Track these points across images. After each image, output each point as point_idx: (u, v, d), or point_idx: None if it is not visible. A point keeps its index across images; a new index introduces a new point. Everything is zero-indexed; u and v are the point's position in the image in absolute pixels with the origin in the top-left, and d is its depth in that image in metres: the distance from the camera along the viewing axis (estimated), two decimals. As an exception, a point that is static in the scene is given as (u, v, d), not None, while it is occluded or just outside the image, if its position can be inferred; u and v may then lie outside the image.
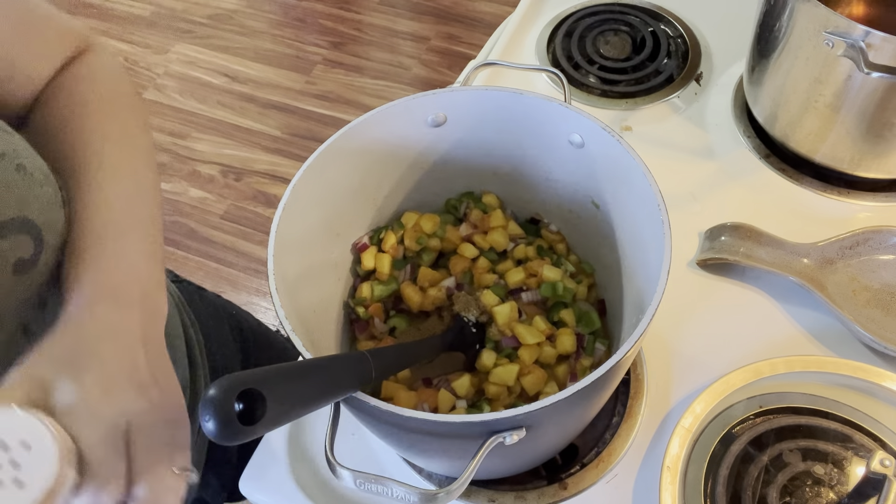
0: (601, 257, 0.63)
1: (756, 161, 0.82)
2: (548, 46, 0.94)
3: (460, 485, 0.42)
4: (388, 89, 2.22)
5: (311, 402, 0.40)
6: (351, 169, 0.59)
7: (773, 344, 0.68)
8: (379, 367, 0.47)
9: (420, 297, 0.63)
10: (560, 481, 0.62)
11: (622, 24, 0.95)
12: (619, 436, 0.64)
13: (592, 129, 0.56)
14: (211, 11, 2.48)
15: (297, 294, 0.53)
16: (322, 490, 0.63)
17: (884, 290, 0.69)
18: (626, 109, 0.88)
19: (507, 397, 0.57)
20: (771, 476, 0.58)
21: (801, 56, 0.71)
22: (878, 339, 0.64)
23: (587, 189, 0.61)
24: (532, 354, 0.58)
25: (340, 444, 0.44)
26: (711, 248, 0.72)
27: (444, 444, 0.50)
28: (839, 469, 0.58)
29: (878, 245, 0.71)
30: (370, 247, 0.64)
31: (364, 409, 0.45)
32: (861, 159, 0.74)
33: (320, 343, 0.57)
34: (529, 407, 0.43)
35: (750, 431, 0.61)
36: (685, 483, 0.59)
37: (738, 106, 0.87)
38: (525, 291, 0.62)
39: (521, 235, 0.66)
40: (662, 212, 0.50)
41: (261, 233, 1.95)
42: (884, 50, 0.63)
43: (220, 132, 2.15)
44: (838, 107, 0.71)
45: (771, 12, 0.74)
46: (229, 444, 0.34)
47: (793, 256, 0.71)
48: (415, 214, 0.65)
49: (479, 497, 0.61)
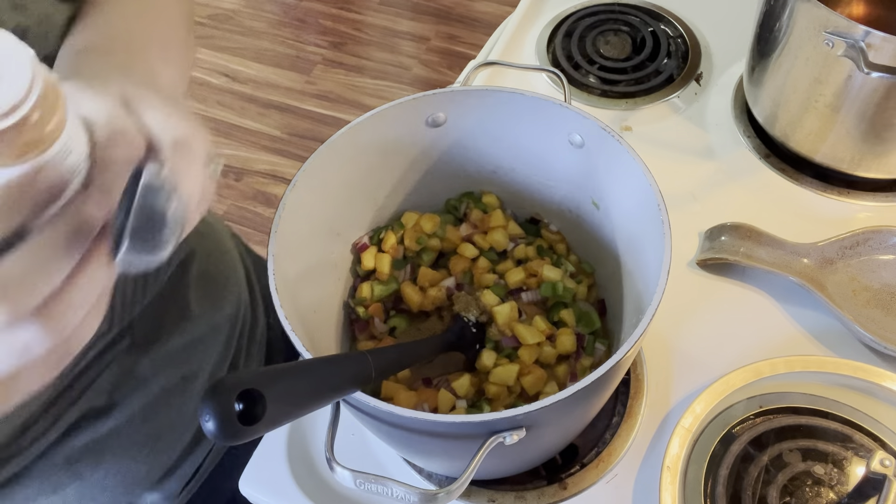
0: (601, 257, 0.63)
1: (756, 161, 0.82)
2: (548, 46, 0.94)
3: (460, 485, 0.42)
4: (388, 89, 2.22)
5: (311, 402, 0.40)
6: (351, 169, 0.59)
7: (773, 344, 0.68)
8: (379, 367, 0.47)
9: (420, 297, 0.63)
10: (560, 481, 0.62)
11: (622, 24, 0.95)
12: (619, 436, 0.64)
13: (592, 129, 0.56)
14: (211, 11, 2.48)
15: (297, 294, 0.53)
16: (322, 490, 0.63)
17: (884, 290, 0.69)
18: (626, 109, 0.88)
19: (507, 397, 0.57)
20: (771, 476, 0.58)
21: (801, 56, 0.71)
22: (878, 339, 0.64)
23: (587, 189, 0.61)
24: (532, 354, 0.58)
25: (340, 444, 0.44)
26: (711, 248, 0.72)
27: (444, 444, 0.50)
28: (839, 469, 0.58)
29: (878, 245, 0.71)
30: (370, 247, 0.64)
31: (364, 409, 0.45)
32: (861, 159, 0.74)
33: (320, 343, 0.57)
34: (529, 407, 0.43)
35: (750, 431, 0.61)
36: (685, 483, 0.59)
37: (738, 106, 0.87)
38: (525, 291, 0.62)
39: (521, 235, 0.66)
40: (662, 212, 0.50)
41: (261, 233, 1.95)
42: (884, 50, 0.63)
43: (219, 132, 2.15)
44: (838, 107, 0.71)
45: (771, 12, 0.74)
46: (229, 445, 0.34)
47: (793, 256, 0.71)
48: (415, 214, 0.65)
49: (479, 497, 0.61)
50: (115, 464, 0.57)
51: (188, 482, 0.63)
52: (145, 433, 0.59)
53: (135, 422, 0.58)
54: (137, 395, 0.58)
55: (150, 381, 0.59)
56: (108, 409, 0.56)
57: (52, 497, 0.55)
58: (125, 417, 0.58)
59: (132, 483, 0.58)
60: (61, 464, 0.54)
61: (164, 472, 0.61)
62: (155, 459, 0.59)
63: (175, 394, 0.62)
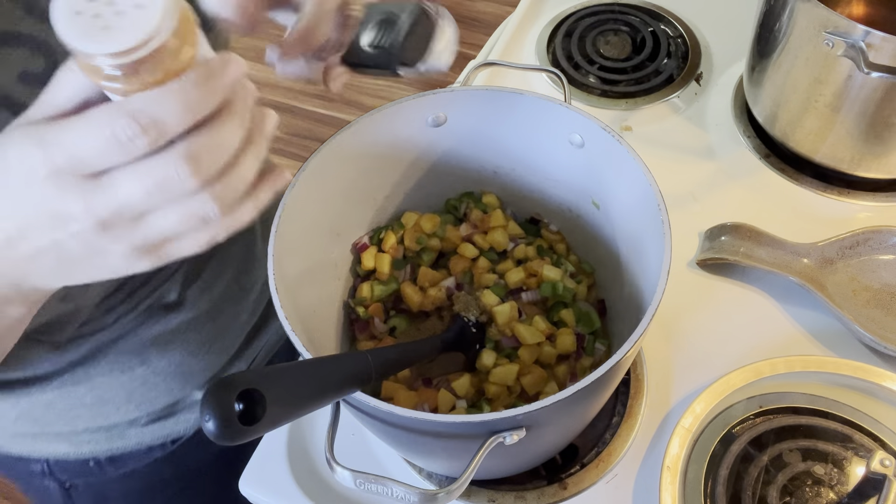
0: (601, 257, 0.63)
1: (756, 161, 0.82)
2: (548, 46, 0.94)
3: (460, 485, 0.42)
4: (388, 89, 2.22)
5: (311, 402, 0.40)
6: (351, 169, 0.59)
7: (773, 344, 0.68)
8: (379, 367, 0.47)
9: (420, 297, 0.63)
10: (560, 481, 0.62)
11: (622, 24, 0.95)
12: (619, 436, 0.64)
13: (592, 129, 0.56)
14: (211, 11, 2.48)
15: (297, 294, 0.53)
16: (322, 490, 0.63)
17: (884, 290, 0.69)
18: (626, 109, 0.88)
19: (507, 397, 0.57)
20: (771, 476, 0.58)
21: (801, 56, 0.71)
22: (878, 339, 0.64)
23: (587, 189, 0.61)
24: (532, 354, 0.58)
25: (340, 444, 0.44)
26: (711, 248, 0.72)
27: (444, 444, 0.50)
28: (839, 469, 0.58)
29: (878, 245, 0.71)
30: (370, 247, 0.64)
31: (364, 409, 0.45)
32: (861, 159, 0.74)
33: (320, 343, 0.57)
34: (529, 407, 0.43)
35: (750, 431, 0.61)
36: (685, 483, 0.59)
37: (738, 106, 0.87)
38: (525, 291, 0.62)
39: (521, 235, 0.66)
40: (662, 212, 0.50)
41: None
42: (884, 50, 0.63)
43: (220, 132, 2.15)
44: (838, 107, 0.71)
45: (771, 12, 0.74)
46: (229, 445, 0.34)
47: (793, 256, 0.71)
48: (415, 214, 0.65)
49: (479, 497, 0.61)
50: (179, 356, 0.64)
51: None
52: (206, 332, 0.66)
53: (199, 320, 0.65)
54: (203, 296, 0.65)
55: (214, 284, 0.66)
56: (177, 305, 0.63)
57: (121, 377, 0.62)
58: (192, 315, 0.65)
59: (189, 376, 0.66)
60: (134, 348, 0.62)
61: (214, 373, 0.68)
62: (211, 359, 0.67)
63: (233, 300, 0.68)
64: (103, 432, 0.66)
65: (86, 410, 0.63)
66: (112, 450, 0.67)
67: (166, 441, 0.69)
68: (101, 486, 0.70)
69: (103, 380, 0.62)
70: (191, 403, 0.69)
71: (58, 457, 0.67)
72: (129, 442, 0.67)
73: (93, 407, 0.63)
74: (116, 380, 0.63)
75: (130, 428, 0.67)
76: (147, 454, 0.69)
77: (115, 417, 0.65)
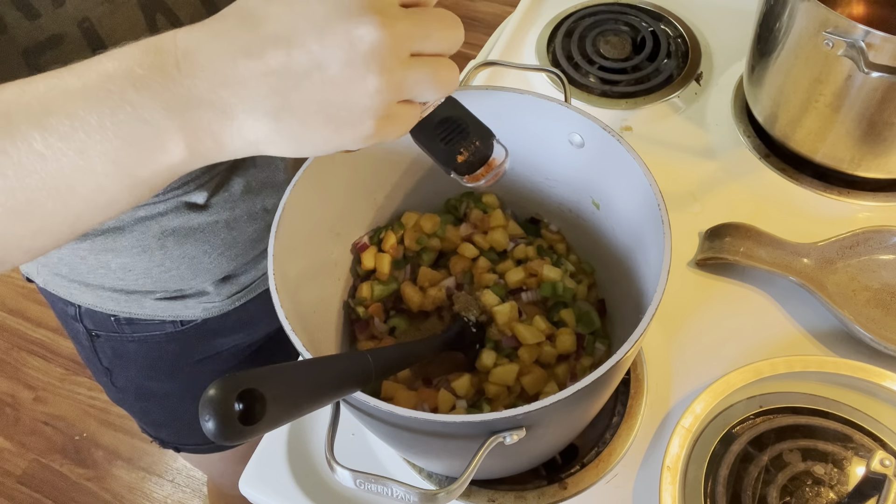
0: (601, 257, 0.63)
1: (756, 161, 0.82)
2: (548, 46, 0.94)
3: (460, 485, 0.42)
4: (387, 89, 2.22)
5: (311, 402, 0.40)
6: (351, 169, 0.59)
7: (773, 344, 0.68)
8: (379, 367, 0.47)
9: (420, 297, 0.63)
10: (560, 481, 0.62)
11: (622, 24, 0.95)
12: (619, 436, 0.64)
13: (592, 129, 0.56)
14: (211, 11, 2.48)
15: (297, 294, 0.53)
16: (322, 490, 0.63)
17: (884, 290, 0.69)
18: (626, 109, 0.88)
19: (507, 397, 0.57)
20: (771, 476, 0.58)
21: (801, 56, 0.71)
22: (878, 339, 0.64)
23: (587, 189, 0.61)
24: (532, 354, 0.58)
25: (340, 444, 0.44)
26: (711, 247, 0.72)
27: (444, 444, 0.50)
28: (839, 469, 0.58)
29: (878, 245, 0.71)
30: (370, 247, 0.64)
31: (364, 409, 0.45)
32: (861, 159, 0.74)
33: (320, 343, 0.57)
34: (529, 407, 0.43)
35: (750, 431, 0.61)
36: (685, 483, 0.59)
37: (738, 106, 0.87)
38: (525, 291, 0.62)
39: (521, 235, 0.66)
40: (662, 212, 0.50)
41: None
42: (884, 50, 0.63)
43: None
44: (838, 107, 0.71)
45: (771, 12, 0.74)
46: (229, 444, 0.34)
47: (793, 256, 0.71)
48: (415, 214, 0.65)
49: (479, 497, 0.61)
50: (193, 251, 0.71)
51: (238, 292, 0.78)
52: (222, 238, 0.72)
53: (218, 226, 0.71)
54: (226, 207, 0.70)
55: (238, 200, 0.71)
56: (202, 209, 0.69)
57: (143, 255, 0.69)
58: (212, 219, 0.70)
59: (199, 271, 0.73)
60: (155, 233, 0.68)
61: (223, 276, 0.76)
62: (222, 262, 0.74)
63: (254, 219, 0.73)
64: (124, 295, 0.74)
65: (111, 273, 0.71)
66: (130, 313, 0.76)
67: (176, 320, 0.78)
68: (119, 343, 0.80)
69: (127, 253, 0.69)
70: (198, 293, 0.76)
71: (87, 305, 0.76)
72: (144, 310, 0.76)
73: (117, 272, 0.71)
74: (138, 256, 0.69)
75: (146, 298, 0.75)
76: (159, 326, 0.78)
77: (133, 286, 0.73)
